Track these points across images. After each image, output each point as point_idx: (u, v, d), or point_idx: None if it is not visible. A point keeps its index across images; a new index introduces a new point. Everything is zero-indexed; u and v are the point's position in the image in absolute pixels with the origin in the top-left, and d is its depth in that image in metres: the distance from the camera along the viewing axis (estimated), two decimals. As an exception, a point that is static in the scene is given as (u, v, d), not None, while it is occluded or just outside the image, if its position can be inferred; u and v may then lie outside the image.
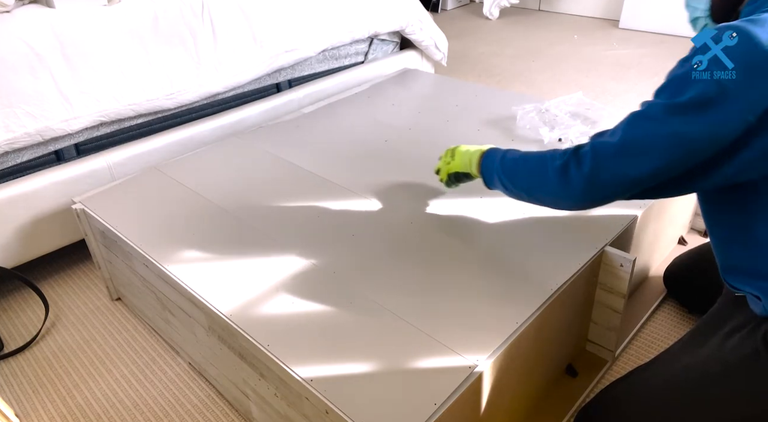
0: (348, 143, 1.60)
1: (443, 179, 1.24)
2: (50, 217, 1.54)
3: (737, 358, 0.86)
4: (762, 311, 0.86)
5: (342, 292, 1.05)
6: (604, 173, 0.85)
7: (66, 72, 1.50)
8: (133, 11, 1.61)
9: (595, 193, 0.88)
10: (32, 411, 1.26)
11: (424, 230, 1.21)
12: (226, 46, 1.77)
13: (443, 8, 4.23)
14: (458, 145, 1.20)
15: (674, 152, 0.79)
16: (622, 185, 0.85)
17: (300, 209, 1.31)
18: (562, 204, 0.95)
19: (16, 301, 1.60)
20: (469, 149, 1.15)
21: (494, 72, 3.01)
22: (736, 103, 0.74)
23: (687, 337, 1.00)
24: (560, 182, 0.90)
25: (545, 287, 1.03)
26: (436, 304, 1.01)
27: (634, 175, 0.83)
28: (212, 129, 1.80)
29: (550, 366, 1.16)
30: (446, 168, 1.21)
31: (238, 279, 1.11)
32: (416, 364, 0.90)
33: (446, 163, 1.21)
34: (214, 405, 1.24)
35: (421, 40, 2.32)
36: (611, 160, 0.84)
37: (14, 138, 1.44)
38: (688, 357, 0.94)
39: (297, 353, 0.93)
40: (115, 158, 1.62)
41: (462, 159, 1.16)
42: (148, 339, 1.43)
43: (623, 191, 0.86)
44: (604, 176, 0.85)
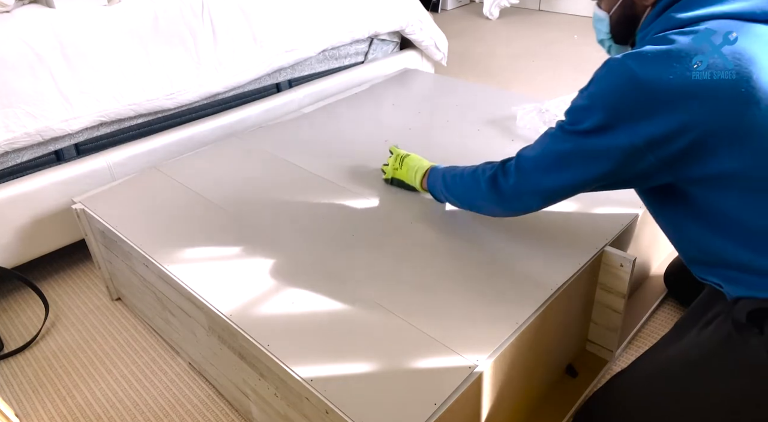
0: (348, 143, 1.60)
1: (387, 178, 1.36)
2: (50, 217, 1.54)
3: (713, 343, 0.90)
4: (729, 297, 0.90)
5: (342, 292, 1.05)
6: (526, 185, 0.98)
7: (66, 72, 1.50)
8: (133, 11, 1.61)
9: (523, 201, 1.01)
10: (32, 411, 1.26)
11: (424, 230, 1.21)
12: (226, 46, 1.77)
13: (443, 8, 4.23)
14: (408, 154, 1.33)
15: (580, 169, 0.91)
16: (545, 194, 0.98)
17: (300, 209, 1.31)
18: (498, 211, 1.09)
19: (16, 301, 1.60)
20: (416, 166, 1.28)
21: (494, 72, 3.01)
22: (622, 133, 0.83)
23: (671, 330, 1.04)
24: (491, 191, 1.03)
25: (545, 287, 1.03)
26: (436, 304, 1.01)
27: (553, 187, 0.95)
28: (212, 129, 1.80)
29: (550, 366, 1.16)
30: (393, 172, 1.34)
31: (238, 279, 1.11)
32: (416, 364, 0.90)
33: (394, 168, 1.33)
34: (214, 405, 1.24)
35: (421, 40, 2.32)
36: (531, 173, 0.97)
37: (14, 138, 1.44)
38: (671, 348, 0.98)
39: (297, 353, 0.93)
40: (115, 158, 1.62)
41: (408, 173, 1.30)
42: (148, 339, 1.43)
43: (549, 198, 0.99)
44: (527, 186, 0.98)
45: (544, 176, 0.95)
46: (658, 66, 0.79)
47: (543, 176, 0.95)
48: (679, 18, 0.82)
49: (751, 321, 0.84)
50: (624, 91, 0.82)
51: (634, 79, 0.81)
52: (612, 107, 0.83)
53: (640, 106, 0.81)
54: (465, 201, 1.14)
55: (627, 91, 0.82)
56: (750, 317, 0.84)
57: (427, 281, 1.07)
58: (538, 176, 0.96)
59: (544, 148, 0.95)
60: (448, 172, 1.18)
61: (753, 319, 0.84)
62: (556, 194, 0.97)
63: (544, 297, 1.01)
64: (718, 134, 0.79)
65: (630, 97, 0.82)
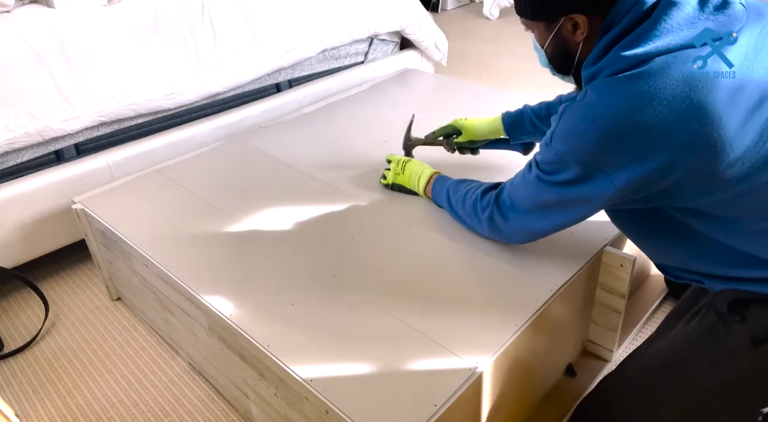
0: (348, 143, 1.60)
1: (388, 183, 1.35)
2: (50, 217, 1.54)
3: (698, 334, 0.91)
4: (711, 290, 0.91)
5: (342, 293, 1.05)
6: (521, 225, 1.02)
7: (66, 72, 1.50)
8: (133, 11, 1.61)
9: (520, 238, 1.07)
10: (32, 411, 1.26)
11: (424, 231, 1.21)
12: (226, 46, 1.77)
13: (443, 8, 4.23)
14: (409, 159, 1.34)
15: (567, 213, 0.94)
16: (538, 233, 1.02)
17: (300, 210, 1.31)
18: (501, 241, 1.13)
19: (16, 301, 1.60)
20: (418, 171, 1.29)
21: (494, 72, 3.01)
22: (602, 181, 0.84)
23: (661, 324, 1.06)
24: (492, 230, 1.08)
25: (545, 287, 1.03)
26: (436, 306, 1.01)
27: (544, 228, 1.00)
28: (212, 129, 1.80)
29: (550, 367, 1.16)
30: (395, 178, 1.34)
31: (238, 279, 1.11)
32: (416, 365, 0.90)
33: (396, 173, 1.33)
34: (214, 405, 1.24)
35: (421, 40, 2.32)
36: (523, 216, 1.00)
37: (14, 138, 1.44)
38: (660, 342, 0.99)
39: (297, 353, 0.93)
40: (115, 158, 1.62)
41: (411, 179, 1.30)
42: (148, 339, 1.43)
43: (544, 233, 1.02)
44: (522, 226, 1.02)
45: (535, 220, 0.99)
46: (625, 112, 0.77)
47: (534, 220, 0.99)
48: (628, 57, 0.79)
49: (732, 309, 0.85)
50: (595, 141, 0.81)
51: (603, 130, 0.80)
52: (585, 159, 0.83)
53: (615, 153, 0.80)
54: (469, 227, 1.17)
55: (598, 141, 0.81)
56: (731, 306, 0.85)
57: (426, 283, 1.07)
58: (529, 220, 1.00)
59: (529, 195, 0.97)
60: (452, 191, 1.19)
61: (734, 308, 0.85)
62: (549, 231, 1.01)
63: (544, 298, 1.01)
64: (695, 174, 0.78)
65: (602, 146, 0.81)
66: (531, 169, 0.96)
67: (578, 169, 0.85)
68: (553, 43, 0.93)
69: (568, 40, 0.90)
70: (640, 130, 0.77)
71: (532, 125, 1.30)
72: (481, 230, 1.12)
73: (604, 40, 0.84)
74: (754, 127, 0.76)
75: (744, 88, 0.76)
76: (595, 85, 0.82)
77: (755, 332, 0.83)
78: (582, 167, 0.84)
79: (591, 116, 0.81)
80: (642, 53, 0.78)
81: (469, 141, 1.38)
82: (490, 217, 1.06)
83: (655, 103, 0.76)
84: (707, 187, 0.80)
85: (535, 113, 1.30)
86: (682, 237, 0.89)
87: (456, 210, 1.18)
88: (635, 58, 0.78)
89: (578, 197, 0.89)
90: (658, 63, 0.77)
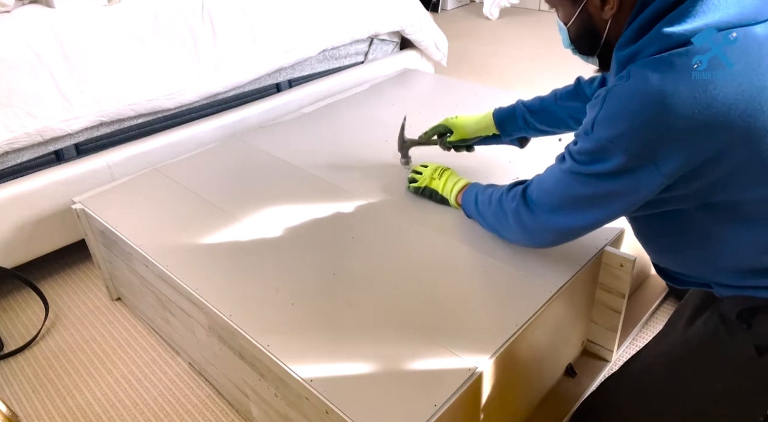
0: (348, 143, 1.60)
1: (419, 186, 1.31)
2: (50, 217, 1.54)
3: (699, 339, 0.89)
4: (718, 295, 0.89)
5: (342, 293, 1.05)
6: (549, 222, 0.95)
7: (66, 72, 1.50)
8: (133, 11, 1.61)
9: (548, 236, 0.98)
10: (32, 411, 1.26)
11: (424, 232, 1.21)
12: (226, 46, 1.77)
13: (443, 8, 4.23)
14: (447, 168, 1.30)
15: (600, 210, 0.87)
16: (570, 230, 0.94)
17: (300, 210, 1.31)
18: (526, 244, 1.07)
19: (16, 301, 1.60)
20: (455, 179, 1.26)
21: (494, 72, 3.01)
22: (648, 172, 0.77)
23: (664, 326, 1.04)
24: (518, 227, 1.01)
25: (545, 287, 1.03)
26: (436, 306, 1.01)
27: (576, 225, 0.92)
28: (212, 129, 1.80)
29: (550, 367, 1.16)
30: (430, 181, 1.30)
31: (238, 279, 1.11)
32: (416, 365, 0.90)
33: (432, 178, 1.30)
34: (214, 405, 1.24)
35: (421, 40, 2.32)
36: (552, 213, 0.93)
37: (14, 138, 1.44)
38: (660, 346, 0.98)
39: (297, 353, 0.93)
40: (115, 158, 1.62)
41: (446, 185, 1.27)
42: (148, 339, 1.43)
43: (573, 232, 0.95)
44: (549, 223, 0.95)
45: (564, 217, 0.92)
46: (679, 92, 0.71)
47: (563, 217, 0.92)
48: (675, 34, 0.73)
49: (740, 317, 0.83)
50: (646, 124, 0.74)
51: (655, 112, 0.73)
52: (632, 146, 0.77)
53: (666, 138, 0.74)
54: (494, 229, 1.12)
55: (649, 124, 0.74)
56: (740, 315, 0.83)
57: (426, 283, 1.07)
58: (558, 216, 0.93)
59: (560, 189, 0.91)
60: (481, 192, 1.15)
61: (742, 316, 0.83)
62: (579, 230, 0.94)
63: (544, 298, 1.01)
64: (747, 161, 0.74)
65: (653, 130, 0.74)
66: (564, 160, 0.89)
67: (623, 157, 0.78)
68: (578, 20, 0.87)
69: (595, 18, 0.85)
70: (698, 110, 0.71)
71: (523, 120, 1.27)
72: (507, 229, 1.05)
73: (642, 16, 0.77)
74: None
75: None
76: (641, 65, 0.76)
77: (760, 340, 0.81)
78: (628, 155, 0.77)
79: (640, 97, 0.74)
80: (691, 30, 0.72)
81: (461, 139, 1.36)
82: (516, 211, 0.99)
83: (713, 82, 0.71)
84: (760, 175, 0.74)
85: (528, 107, 1.27)
86: (702, 241, 0.85)
87: (482, 211, 1.13)
88: (683, 36, 0.73)
89: (617, 190, 0.82)
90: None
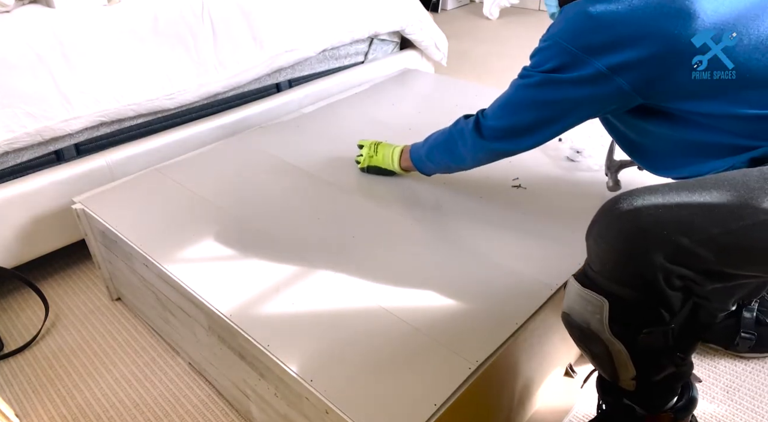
0: (348, 143, 1.60)
1: (363, 167, 1.43)
2: (50, 217, 1.54)
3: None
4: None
5: (342, 292, 1.05)
6: (502, 123, 1.08)
7: (66, 72, 1.50)
8: (133, 11, 1.61)
9: (505, 140, 1.09)
10: (32, 411, 1.26)
11: (424, 231, 1.21)
12: (226, 46, 1.77)
13: (443, 8, 4.23)
14: (380, 142, 1.42)
15: (552, 108, 1.00)
16: (523, 128, 1.05)
17: (300, 209, 1.31)
18: (483, 157, 1.17)
19: (16, 301, 1.60)
20: (390, 148, 1.38)
21: (494, 72, 3.01)
22: (587, 65, 0.91)
23: None
24: (475, 138, 1.12)
25: (545, 287, 1.03)
26: (436, 305, 1.01)
27: (527, 121, 1.04)
28: (212, 129, 1.80)
29: (549, 366, 1.16)
30: (369, 160, 1.41)
31: (238, 279, 1.11)
32: (416, 365, 0.90)
33: (370, 155, 1.41)
34: (214, 405, 1.24)
35: (421, 40, 2.32)
36: (506, 116, 1.07)
37: (14, 138, 1.44)
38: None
39: (297, 353, 0.93)
40: (115, 158, 1.62)
41: (384, 158, 1.39)
42: (148, 339, 1.43)
43: (528, 132, 1.06)
44: (504, 124, 1.07)
45: (518, 117, 1.04)
46: (607, 3, 0.87)
47: (517, 118, 1.05)
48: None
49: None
50: (582, 29, 0.90)
51: (589, 18, 0.88)
52: (571, 45, 0.91)
53: (598, 40, 0.88)
54: (449, 158, 1.22)
55: (585, 29, 0.89)
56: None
57: (426, 282, 1.07)
58: (511, 118, 1.06)
59: (514, 95, 1.04)
60: (426, 139, 1.29)
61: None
62: (533, 128, 1.05)
63: (544, 297, 1.01)
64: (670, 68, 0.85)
65: (588, 34, 0.89)
66: (516, 78, 1.04)
67: (565, 56, 0.92)
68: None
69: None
70: (629, 22, 0.85)
71: None
72: (462, 145, 1.16)
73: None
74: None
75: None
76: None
77: None
78: (568, 52, 0.92)
79: (586, 7, 0.89)
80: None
81: None
82: (476, 120, 1.12)
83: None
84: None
85: None
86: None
87: (435, 144, 1.24)
88: None
89: (563, 81, 0.94)
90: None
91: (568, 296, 0.89)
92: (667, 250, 0.76)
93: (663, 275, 0.78)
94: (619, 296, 0.82)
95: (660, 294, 0.80)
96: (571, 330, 0.91)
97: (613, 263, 0.81)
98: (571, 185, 1.33)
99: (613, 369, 0.89)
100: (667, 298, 0.80)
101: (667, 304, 0.81)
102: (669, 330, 0.84)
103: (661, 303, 0.81)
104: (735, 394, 1.18)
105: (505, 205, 1.27)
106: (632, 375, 0.89)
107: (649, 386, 0.91)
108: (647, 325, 0.83)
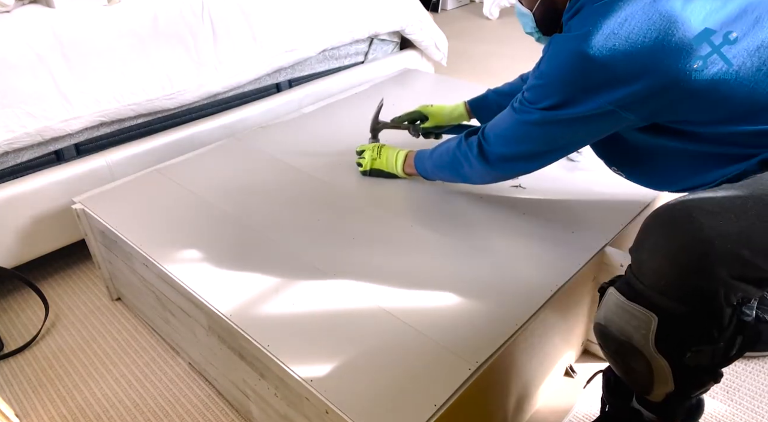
0: (348, 143, 1.60)
1: (365, 170, 1.41)
2: (50, 217, 1.54)
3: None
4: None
5: (342, 293, 1.05)
6: (503, 149, 1.07)
7: (66, 72, 1.50)
8: (133, 11, 1.61)
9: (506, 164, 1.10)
10: (32, 411, 1.26)
11: (424, 232, 1.21)
12: (226, 46, 1.77)
13: (443, 8, 4.23)
14: (383, 145, 1.41)
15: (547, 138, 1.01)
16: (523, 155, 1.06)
17: (300, 210, 1.31)
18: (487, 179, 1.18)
19: (16, 301, 1.60)
20: (394, 153, 1.37)
21: (494, 72, 3.01)
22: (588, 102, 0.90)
23: None
24: (480, 159, 1.12)
25: (545, 287, 1.03)
26: (436, 305, 1.01)
27: (527, 150, 1.04)
28: (212, 129, 1.80)
29: (550, 367, 1.16)
30: (372, 163, 1.40)
31: (238, 279, 1.11)
32: (416, 365, 0.90)
33: (373, 158, 1.40)
34: (214, 405, 1.24)
35: (421, 40, 2.32)
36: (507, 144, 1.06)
37: (14, 138, 1.44)
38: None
39: (297, 353, 0.93)
40: (115, 158, 1.62)
41: (388, 162, 1.38)
42: (148, 339, 1.43)
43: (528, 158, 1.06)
44: (505, 150, 1.07)
45: (518, 145, 1.04)
46: (605, 41, 0.85)
47: (517, 146, 1.04)
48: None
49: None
50: (580, 71, 0.88)
51: (587, 60, 0.86)
52: (570, 86, 0.90)
53: (598, 79, 0.87)
54: (454, 175, 1.22)
55: (583, 71, 0.87)
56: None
57: (426, 283, 1.07)
58: (511, 146, 1.05)
59: (513, 122, 1.03)
60: (432, 150, 1.27)
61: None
62: (533, 155, 1.05)
63: (544, 297, 1.01)
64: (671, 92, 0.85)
65: (587, 75, 0.87)
66: (515, 103, 1.02)
67: (562, 95, 0.91)
68: (542, 4, 0.98)
69: (557, 0, 0.97)
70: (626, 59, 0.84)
71: (497, 104, 1.37)
72: (468, 167, 1.15)
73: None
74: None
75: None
76: (579, 16, 0.90)
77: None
78: (565, 92, 0.91)
79: (579, 45, 0.87)
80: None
81: (435, 126, 1.47)
82: (479, 145, 1.11)
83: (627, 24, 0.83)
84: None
85: (499, 92, 1.41)
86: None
87: (440, 163, 1.23)
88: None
89: (564, 118, 0.94)
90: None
91: (607, 307, 0.85)
92: (733, 264, 0.73)
93: (724, 291, 0.74)
94: (671, 313, 0.77)
95: (716, 311, 0.76)
96: (606, 342, 0.86)
97: (671, 277, 0.76)
98: (571, 185, 1.33)
99: (649, 384, 0.85)
100: (722, 315, 0.76)
101: (719, 321, 0.77)
102: (718, 348, 0.79)
103: (714, 320, 0.77)
104: (735, 394, 1.18)
105: (505, 205, 1.27)
106: (669, 391, 0.85)
107: (681, 400, 0.87)
108: (696, 343, 0.79)
